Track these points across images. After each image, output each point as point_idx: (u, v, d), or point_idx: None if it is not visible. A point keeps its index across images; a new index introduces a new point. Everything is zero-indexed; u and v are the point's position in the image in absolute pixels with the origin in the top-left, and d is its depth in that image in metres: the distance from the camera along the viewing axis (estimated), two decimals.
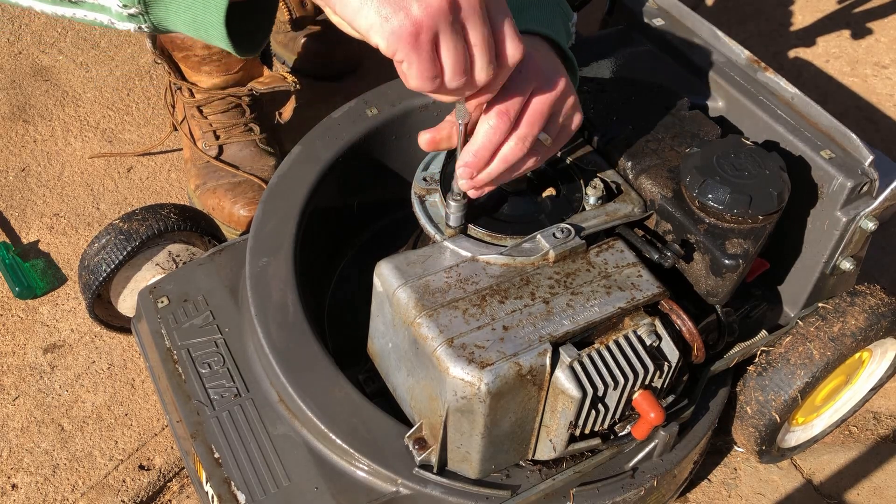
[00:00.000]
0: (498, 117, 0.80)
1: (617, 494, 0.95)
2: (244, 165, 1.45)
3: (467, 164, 0.83)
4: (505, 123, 0.80)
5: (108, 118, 1.68)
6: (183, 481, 1.20)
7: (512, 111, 0.80)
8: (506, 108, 0.80)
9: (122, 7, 0.74)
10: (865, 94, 1.85)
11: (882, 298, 1.09)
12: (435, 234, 0.91)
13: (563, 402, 0.83)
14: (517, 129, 0.81)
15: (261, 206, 1.07)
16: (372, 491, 0.90)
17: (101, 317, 1.21)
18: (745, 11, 2.05)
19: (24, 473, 1.18)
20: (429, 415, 0.87)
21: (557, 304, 0.85)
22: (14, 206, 1.52)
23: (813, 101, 1.02)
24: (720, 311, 0.98)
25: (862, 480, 1.23)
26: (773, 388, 1.06)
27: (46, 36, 1.84)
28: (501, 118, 0.80)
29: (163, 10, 0.74)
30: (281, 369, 0.94)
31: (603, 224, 0.93)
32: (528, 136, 0.82)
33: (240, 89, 1.45)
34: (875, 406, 1.32)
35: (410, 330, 0.84)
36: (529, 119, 0.81)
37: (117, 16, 0.75)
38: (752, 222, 0.92)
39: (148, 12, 0.74)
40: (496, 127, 0.80)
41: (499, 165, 0.83)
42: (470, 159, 0.82)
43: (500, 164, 0.83)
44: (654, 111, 1.05)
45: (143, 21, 0.75)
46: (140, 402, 1.26)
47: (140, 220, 1.13)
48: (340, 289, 1.19)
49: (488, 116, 0.80)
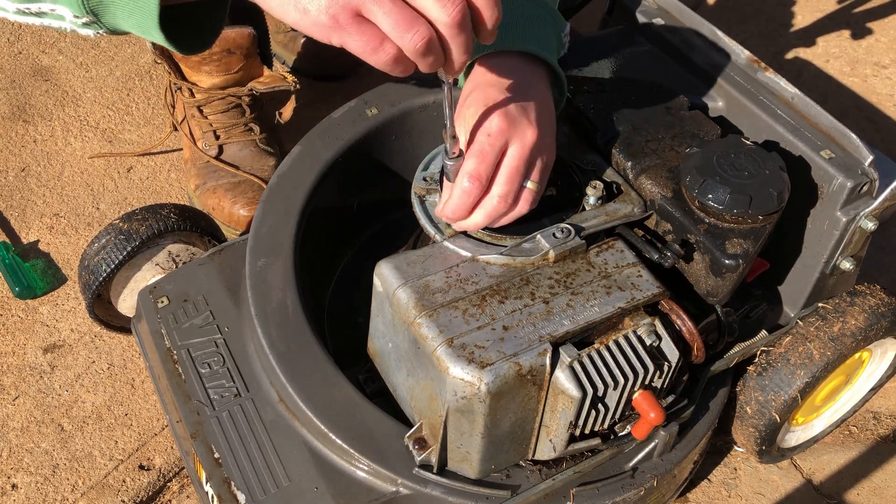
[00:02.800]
0: (470, 181, 0.84)
1: (617, 494, 0.95)
2: (244, 165, 1.45)
3: (448, 219, 0.88)
4: (477, 188, 0.84)
5: (108, 118, 1.68)
6: (183, 481, 1.20)
7: (484, 175, 0.84)
8: (477, 172, 0.84)
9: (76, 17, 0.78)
10: (865, 94, 1.85)
11: (882, 298, 1.09)
12: (435, 234, 0.91)
13: (563, 402, 0.83)
14: (497, 188, 0.85)
15: (261, 206, 1.07)
16: (372, 491, 0.90)
17: (101, 317, 1.21)
18: (745, 11, 2.05)
19: (24, 473, 1.18)
20: (429, 415, 0.87)
21: (557, 304, 0.85)
22: (14, 206, 1.52)
23: (813, 101, 1.02)
24: (720, 311, 0.98)
25: (862, 480, 1.23)
26: (773, 388, 1.06)
27: (46, 36, 1.84)
28: (473, 182, 0.84)
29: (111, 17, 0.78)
30: (281, 369, 0.94)
31: (603, 224, 0.93)
32: (508, 193, 0.85)
33: (240, 89, 1.45)
34: (875, 406, 1.32)
35: (410, 330, 0.84)
36: (508, 177, 0.85)
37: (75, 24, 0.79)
38: (752, 222, 0.92)
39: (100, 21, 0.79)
40: (468, 191, 0.84)
41: (483, 219, 0.87)
42: (449, 214, 0.87)
43: (484, 218, 0.87)
44: (654, 111, 1.05)
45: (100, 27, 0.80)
46: (140, 402, 1.26)
47: (140, 220, 1.13)
48: (340, 289, 1.19)
49: (461, 178, 0.84)
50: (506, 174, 0.85)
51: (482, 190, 0.85)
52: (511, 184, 0.85)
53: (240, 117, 1.47)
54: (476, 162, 0.84)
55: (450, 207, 0.86)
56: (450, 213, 0.87)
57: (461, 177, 0.85)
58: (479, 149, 0.84)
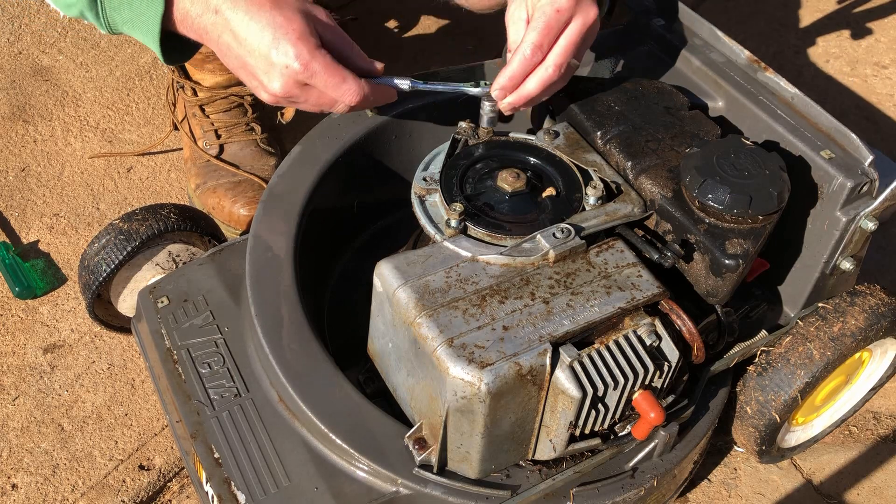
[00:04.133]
0: (532, 50, 0.93)
1: (617, 494, 0.95)
2: (244, 165, 1.45)
3: (503, 88, 0.96)
4: (538, 58, 0.94)
5: (108, 118, 1.68)
6: (183, 481, 1.20)
7: (546, 46, 0.93)
8: (540, 42, 0.93)
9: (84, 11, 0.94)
10: (865, 94, 1.85)
11: (882, 298, 1.09)
12: (435, 234, 0.91)
13: (563, 402, 0.83)
14: (553, 58, 0.94)
15: (261, 206, 1.07)
16: (372, 491, 0.90)
17: (101, 317, 1.21)
18: (745, 11, 2.05)
19: (24, 473, 1.18)
20: (429, 415, 0.87)
21: (557, 304, 0.85)
22: (14, 206, 1.52)
23: (813, 101, 1.02)
24: (720, 311, 0.98)
25: (862, 480, 1.23)
26: (773, 388, 1.06)
27: (46, 36, 1.84)
28: (535, 52, 0.93)
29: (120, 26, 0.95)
30: (281, 369, 0.94)
31: (603, 224, 0.93)
32: (562, 63, 0.94)
33: (242, 88, 1.45)
34: (875, 406, 1.32)
35: (410, 330, 0.84)
36: (565, 49, 0.94)
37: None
38: (752, 222, 0.92)
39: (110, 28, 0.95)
40: (529, 59, 0.93)
41: (536, 87, 0.95)
42: (505, 82, 0.95)
43: (538, 85, 0.95)
44: (654, 111, 1.05)
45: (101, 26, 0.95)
46: (140, 402, 1.26)
47: (140, 220, 1.13)
48: (340, 289, 1.19)
49: (523, 47, 0.93)
50: (564, 46, 0.93)
51: (540, 60, 0.93)
52: (566, 56, 0.94)
53: (241, 117, 1.47)
54: (540, 34, 0.92)
55: (506, 75, 0.94)
56: (505, 80, 0.94)
57: (524, 45, 0.92)
58: (546, 21, 0.92)
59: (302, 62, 0.88)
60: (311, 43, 0.89)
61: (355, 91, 0.92)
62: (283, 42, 0.88)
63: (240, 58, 0.92)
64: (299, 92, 0.91)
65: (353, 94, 0.92)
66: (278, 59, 0.88)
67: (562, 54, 0.94)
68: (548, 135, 1.03)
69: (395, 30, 1.94)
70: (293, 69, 0.88)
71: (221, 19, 0.90)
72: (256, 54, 0.89)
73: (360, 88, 0.92)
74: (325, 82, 0.90)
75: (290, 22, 0.88)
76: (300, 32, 0.88)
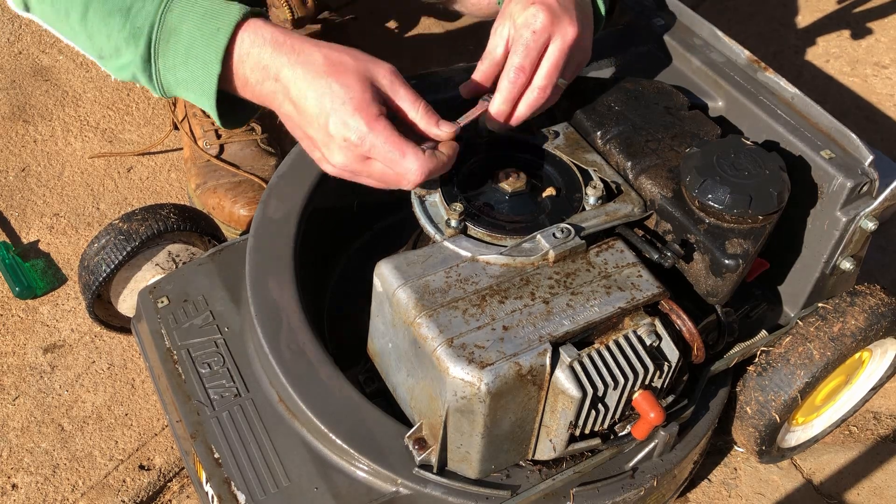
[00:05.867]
0: (515, 73, 0.93)
1: (617, 494, 0.95)
2: (245, 165, 1.45)
3: (498, 113, 0.96)
4: (523, 80, 0.94)
5: (108, 118, 1.68)
6: (183, 481, 1.20)
7: (528, 67, 0.93)
8: (522, 64, 0.93)
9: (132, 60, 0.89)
10: (865, 94, 1.85)
11: (882, 298, 1.09)
12: (435, 234, 0.91)
13: (563, 402, 0.83)
14: (538, 81, 0.94)
15: (261, 206, 1.07)
16: (372, 491, 0.90)
17: (101, 317, 1.21)
18: (745, 11, 2.05)
19: (24, 473, 1.18)
20: (429, 415, 0.87)
21: (557, 304, 0.85)
22: (14, 206, 1.52)
23: (813, 101, 1.02)
24: (720, 311, 0.98)
25: (862, 480, 1.23)
26: (773, 388, 1.06)
27: (46, 36, 1.84)
28: (518, 74, 0.93)
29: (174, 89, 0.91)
30: (281, 369, 0.94)
31: (603, 224, 0.93)
32: (547, 86, 0.95)
33: None
34: (875, 406, 1.32)
35: (410, 330, 0.84)
36: (549, 72, 0.94)
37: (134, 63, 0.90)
38: (752, 222, 0.92)
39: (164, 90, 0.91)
40: (515, 81, 0.93)
41: (525, 111, 0.96)
42: (499, 105, 0.95)
43: (527, 109, 0.96)
44: (654, 111, 1.05)
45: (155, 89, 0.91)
46: (140, 402, 1.27)
47: (140, 220, 1.13)
48: (340, 289, 1.19)
49: (507, 70, 0.93)
50: (547, 69, 0.94)
51: (527, 82, 0.94)
52: (551, 78, 0.94)
53: None
54: (521, 56, 0.92)
55: (498, 101, 0.94)
56: (499, 104, 0.94)
57: (507, 69, 0.93)
58: (524, 44, 0.92)
59: (360, 135, 0.83)
60: (372, 112, 0.84)
61: (415, 170, 0.85)
62: (339, 112, 0.83)
63: (301, 128, 0.87)
64: (361, 167, 0.86)
65: (414, 173, 0.85)
66: (336, 131, 0.84)
67: (545, 77, 0.94)
68: (548, 135, 1.03)
69: (395, 30, 1.94)
70: (351, 142, 0.83)
71: (281, 87, 0.85)
72: (315, 125, 0.85)
73: (420, 167, 0.85)
74: (384, 157, 0.85)
75: (348, 90, 0.83)
76: (359, 101, 0.83)
